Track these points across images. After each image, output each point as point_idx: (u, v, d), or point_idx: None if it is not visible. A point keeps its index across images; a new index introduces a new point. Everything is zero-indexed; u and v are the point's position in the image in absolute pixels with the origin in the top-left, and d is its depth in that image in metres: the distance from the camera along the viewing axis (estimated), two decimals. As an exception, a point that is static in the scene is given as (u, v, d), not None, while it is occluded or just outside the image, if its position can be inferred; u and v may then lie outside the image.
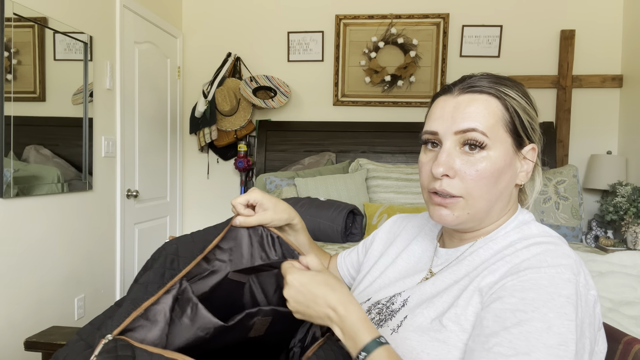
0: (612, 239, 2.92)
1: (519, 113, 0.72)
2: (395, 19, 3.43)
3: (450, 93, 0.74)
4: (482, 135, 0.69)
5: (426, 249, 0.84)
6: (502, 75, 0.76)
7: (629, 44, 3.21)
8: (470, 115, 0.70)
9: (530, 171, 0.74)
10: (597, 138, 3.31)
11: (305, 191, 2.92)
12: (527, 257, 0.65)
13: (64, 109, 2.33)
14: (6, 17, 1.94)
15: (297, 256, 0.83)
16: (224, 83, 3.40)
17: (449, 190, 0.70)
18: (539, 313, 0.59)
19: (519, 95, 0.73)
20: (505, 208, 0.75)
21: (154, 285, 0.69)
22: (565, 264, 0.63)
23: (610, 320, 1.41)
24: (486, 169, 0.69)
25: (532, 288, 0.61)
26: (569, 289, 0.60)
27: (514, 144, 0.72)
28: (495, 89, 0.72)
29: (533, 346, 0.57)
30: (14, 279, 2.04)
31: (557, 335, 0.57)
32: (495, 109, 0.71)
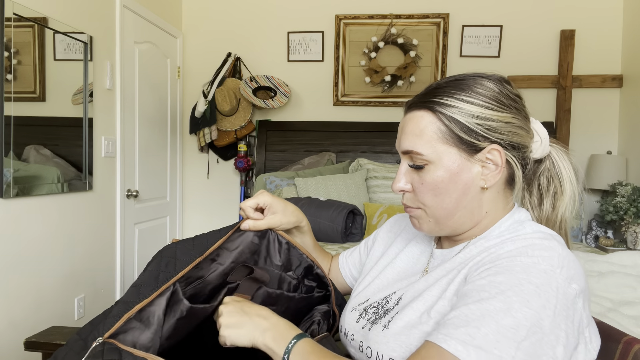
0: (612, 239, 2.92)
1: (459, 120, 0.70)
2: (395, 19, 3.43)
3: (405, 110, 0.78)
4: (419, 156, 0.72)
5: (424, 250, 0.84)
6: (464, 73, 0.74)
7: (629, 44, 3.21)
8: (408, 136, 0.74)
9: (499, 173, 0.71)
10: (597, 138, 3.31)
11: (305, 191, 2.92)
12: (510, 249, 0.66)
13: (64, 109, 2.33)
14: (6, 17, 1.94)
15: (306, 260, 0.83)
16: (224, 83, 3.40)
17: (407, 203, 0.77)
18: (502, 295, 0.59)
19: (467, 99, 0.70)
20: (478, 211, 0.74)
21: (147, 288, 0.69)
22: (545, 256, 0.63)
23: (610, 320, 1.40)
24: (430, 182, 0.72)
25: (502, 272, 0.62)
26: (541, 279, 0.60)
27: (463, 152, 0.71)
28: (429, 101, 0.72)
29: (485, 322, 0.58)
30: (14, 279, 2.04)
31: (513, 318, 0.57)
32: (429, 123, 0.72)
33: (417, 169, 0.73)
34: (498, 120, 0.70)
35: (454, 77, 0.74)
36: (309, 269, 0.85)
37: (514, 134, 0.72)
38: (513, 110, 0.72)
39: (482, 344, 0.56)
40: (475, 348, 0.56)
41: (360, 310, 0.81)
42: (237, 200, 3.65)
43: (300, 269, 0.85)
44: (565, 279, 0.61)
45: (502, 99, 0.71)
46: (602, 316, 1.45)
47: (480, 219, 0.74)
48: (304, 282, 0.85)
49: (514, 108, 0.72)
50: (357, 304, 0.83)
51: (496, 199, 0.74)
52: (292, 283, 0.84)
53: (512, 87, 0.74)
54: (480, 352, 0.56)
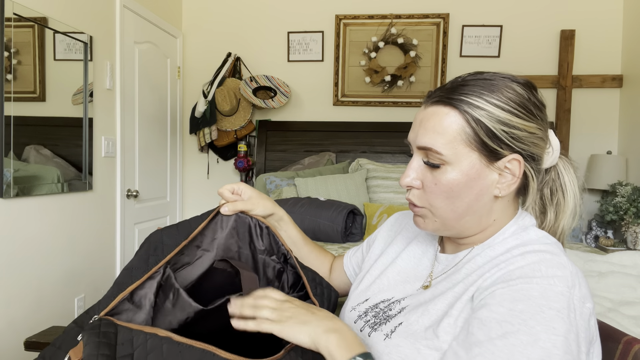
0: (612, 239, 2.92)
1: (486, 124, 0.66)
2: (395, 19, 3.43)
3: (425, 102, 0.73)
4: (437, 155, 0.68)
5: (426, 250, 0.83)
6: (493, 73, 0.71)
7: (629, 44, 3.21)
8: (428, 132, 0.69)
9: (515, 183, 0.69)
10: (597, 138, 3.31)
11: (305, 191, 2.92)
12: (521, 265, 0.64)
13: (64, 109, 2.33)
14: (6, 17, 1.94)
15: (284, 251, 0.83)
16: (224, 83, 3.40)
17: (413, 200, 0.73)
18: (525, 326, 0.58)
19: (496, 103, 0.67)
20: (487, 218, 0.72)
21: (138, 271, 0.71)
22: (559, 276, 0.61)
23: (610, 320, 1.40)
24: (445, 184, 0.69)
25: (521, 299, 0.60)
26: (560, 302, 0.59)
27: (484, 157, 0.68)
28: (458, 99, 0.68)
29: (515, 359, 0.56)
30: (13, 278, 2.04)
31: (542, 349, 0.56)
32: (454, 124, 0.68)
33: (432, 168, 0.70)
34: (524, 129, 0.68)
35: (481, 75, 0.70)
36: (285, 258, 0.85)
37: (536, 145, 0.69)
38: (538, 120, 0.69)
39: None
40: None
41: (359, 312, 0.79)
42: (237, 200, 3.65)
43: (280, 255, 0.85)
44: (580, 299, 0.61)
45: (530, 107, 0.68)
46: (602, 316, 1.45)
47: (487, 225, 0.73)
48: (288, 268, 0.85)
49: (539, 118, 0.70)
50: (357, 304, 0.82)
51: (506, 207, 0.73)
52: (276, 267, 0.84)
53: (538, 93, 0.71)
54: None
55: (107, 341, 0.60)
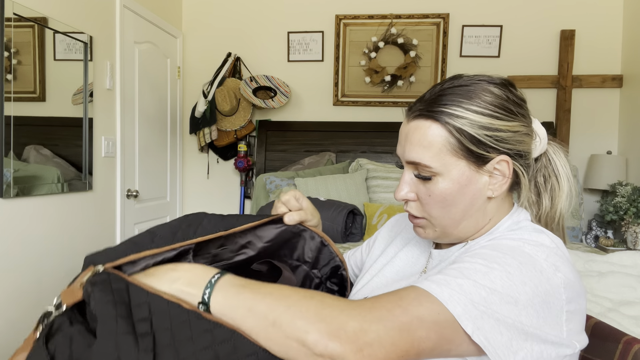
0: (612, 239, 2.92)
1: (469, 132, 0.67)
2: (395, 19, 3.43)
3: (407, 116, 0.74)
4: (427, 168, 0.70)
5: (424, 250, 0.84)
6: (470, 77, 0.71)
7: (629, 44, 3.21)
8: (415, 147, 0.71)
9: (506, 182, 0.71)
10: (597, 138, 3.31)
11: (305, 191, 2.92)
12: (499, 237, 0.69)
13: (64, 109, 2.33)
14: (6, 17, 1.94)
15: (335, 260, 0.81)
16: (224, 83, 3.40)
17: (412, 212, 0.76)
18: (484, 261, 0.60)
19: (475, 109, 0.68)
20: (482, 219, 0.74)
21: (162, 239, 0.65)
22: (532, 245, 0.64)
23: (610, 320, 1.40)
24: (438, 194, 0.71)
25: (489, 248, 0.64)
26: (525, 258, 0.61)
27: (472, 164, 0.69)
28: (437, 111, 0.69)
29: (463, 275, 0.59)
30: (13, 279, 2.04)
31: (490, 281, 0.58)
32: (438, 136, 0.69)
33: (424, 180, 0.72)
34: (507, 130, 0.69)
35: (458, 81, 0.71)
36: (335, 270, 0.83)
37: (521, 142, 0.71)
38: (520, 117, 0.71)
39: (456, 289, 0.57)
40: (449, 289, 0.57)
41: None
42: (237, 200, 3.65)
43: (326, 268, 0.82)
44: (550, 266, 0.62)
45: (509, 107, 0.70)
46: (602, 316, 1.45)
47: (484, 225, 0.75)
48: (326, 284, 0.83)
49: (520, 115, 0.71)
50: None
51: (500, 206, 0.75)
52: (314, 281, 0.82)
53: (516, 89, 0.72)
54: (452, 292, 0.57)
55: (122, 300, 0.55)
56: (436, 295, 0.56)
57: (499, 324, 0.56)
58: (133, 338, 0.52)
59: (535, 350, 0.58)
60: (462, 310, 0.55)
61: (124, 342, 0.52)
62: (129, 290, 0.56)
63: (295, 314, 0.54)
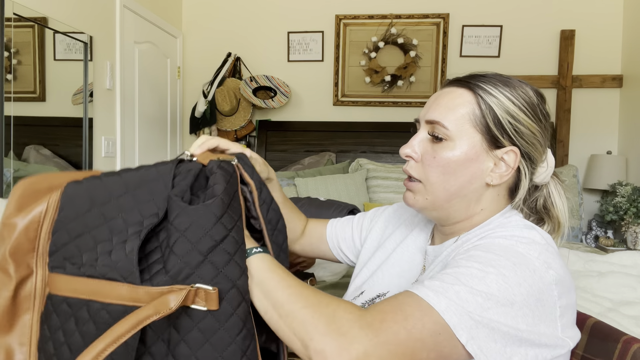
0: (612, 239, 2.92)
1: (496, 111, 0.70)
2: (395, 19, 3.43)
3: (443, 85, 0.78)
4: (443, 129, 0.71)
5: (420, 245, 0.84)
6: (512, 76, 0.75)
7: (629, 44, 3.21)
8: (440, 107, 0.73)
9: (507, 175, 0.72)
10: (597, 138, 3.31)
11: (305, 191, 2.92)
12: (491, 236, 0.68)
13: (64, 109, 2.33)
14: (6, 17, 1.94)
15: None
16: (224, 83, 3.40)
17: (410, 171, 0.75)
18: (479, 264, 0.61)
19: (508, 96, 0.71)
20: (475, 205, 0.74)
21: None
22: (524, 242, 0.64)
23: (610, 320, 1.40)
24: (444, 157, 0.71)
25: (482, 249, 0.64)
26: (519, 259, 0.62)
27: (485, 142, 0.71)
28: (475, 84, 0.72)
29: (459, 281, 0.59)
30: (14, 278, 2.04)
31: (486, 286, 0.59)
32: (466, 102, 0.71)
33: (435, 141, 0.73)
34: (527, 126, 0.71)
35: (501, 74, 0.75)
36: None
37: (534, 146, 0.72)
38: (542, 125, 0.73)
39: (453, 298, 0.57)
40: (446, 298, 0.57)
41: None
42: (237, 200, 3.65)
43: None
44: (543, 263, 0.63)
45: (537, 110, 0.72)
46: (602, 316, 1.45)
47: (474, 213, 0.75)
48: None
49: (543, 124, 0.73)
50: (352, 298, 0.85)
51: (495, 200, 0.75)
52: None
53: (546, 105, 0.75)
54: (449, 303, 0.57)
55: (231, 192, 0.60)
56: (434, 305, 0.57)
57: (493, 332, 0.57)
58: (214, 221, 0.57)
59: (530, 354, 0.60)
60: (457, 321, 0.57)
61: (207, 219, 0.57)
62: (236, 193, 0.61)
63: (307, 317, 0.57)
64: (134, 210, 0.60)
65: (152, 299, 0.55)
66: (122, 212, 0.60)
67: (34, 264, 0.62)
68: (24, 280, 0.62)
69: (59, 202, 0.62)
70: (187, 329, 0.56)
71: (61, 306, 0.60)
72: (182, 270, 0.56)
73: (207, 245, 0.57)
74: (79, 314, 0.58)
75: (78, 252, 0.60)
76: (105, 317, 0.57)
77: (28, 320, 0.62)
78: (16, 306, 0.62)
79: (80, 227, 0.61)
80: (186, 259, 0.56)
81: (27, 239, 0.61)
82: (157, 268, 0.58)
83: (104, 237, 0.59)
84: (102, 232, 0.59)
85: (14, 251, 0.61)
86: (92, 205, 0.61)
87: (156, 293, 0.55)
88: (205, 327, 0.56)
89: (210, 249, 0.57)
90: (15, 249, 0.61)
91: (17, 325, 0.62)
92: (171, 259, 0.57)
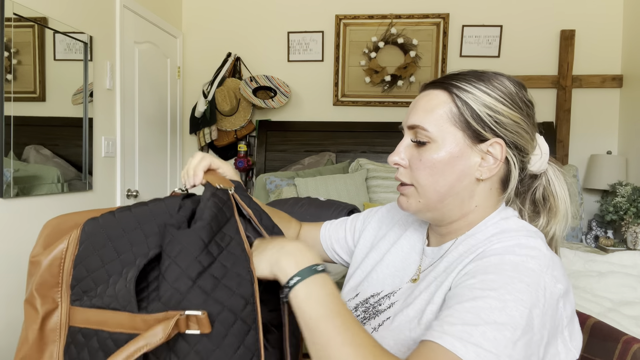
0: (612, 239, 2.92)
1: (472, 106, 0.70)
2: (395, 19, 3.43)
3: (420, 90, 0.79)
4: (424, 132, 0.72)
5: (414, 244, 0.84)
6: (490, 71, 0.75)
7: (629, 44, 3.21)
8: (418, 111, 0.74)
9: (496, 167, 0.72)
10: (597, 138, 3.31)
11: (305, 191, 2.92)
12: (497, 247, 0.66)
13: (64, 109, 2.33)
14: (6, 17, 1.94)
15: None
16: (224, 83, 3.40)
17: (401, 178, 0.77)
18: (495, 292, 0.60)
19: (484, 90, 0.71)
20: (468, 202, 0.74)
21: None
22: (532, 255, 0.63)
23: (610, 320, 1.40)
24: (430, 159, 0.72)
25: (493, 271, 0.62)
26: (531, 278, 0.61)
27: (468, 138, 0.71)
28: (448, 82, 0.73)
29: (481, 319, 0.58)
30: (14, 278, 2.04)
31: (508, 317, 0.58)
32: (442, 102, 0.72)
33: (419, 145, 0.74)
34: (508, 116, 0.71)
35: (476, 69, 0.76)
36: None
37: (519, 135, 0.72)
38: (524, 113, 0.73)
39: (480, 342, 0.56)
40: (474, 345, 0.56)
41: (348, 307, 0.80)
42: (237, 200, 3.65)
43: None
44: (552, 278, 0.63)
45: (516, 99, 0.72)
46: (602, 316, 1.45)
47: (469, 211, 0.74)
48: None
49: (524, 111, 0.73)
50: (347, 299, 0.84)
51: (488, 195, 0.74)
52: None
53: (527, 93, 0.75)
54: (478, 350, 0.56)
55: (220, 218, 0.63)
56: (462, 356, 0.56)
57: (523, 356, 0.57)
58: (201, 247, 0.59)
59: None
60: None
61: (195, 245, 0.59)
62: (229, 220, 0.64)
63: (346, 354, 0.56)
64: (142, 244, 0.63)
65: (148, 326, 0.56)
66: (132, 246, 0.64)
67: (59, 298, 0.66)
68: (50, 313, 0.65)
69: (79, 238, 0.66)
70: (184, 352, 0.57)
71: (77, 337, 0.63)
72: (173, 296, 0.57)
73: (195, 270, 0.58)
74: (90, 343, 0.61)
75: (94, 285, 0.63)
76: (111, 346, 0.59)
77: (55, 352, 0.65)
78: (44, 338, 0.65)
79: (97, 262, 0.64)
80: (176, 284, 0.58)
81: (50, 275, 0.65)
82: (153, 295, 0.60)
83: (116, 270, 0.63)
84: (115, 266, 0.63)
85: (39, 287, 0.65)
86: (108, 240, 0.65)
87: (152, 320, 0.57)
88: (201, 349, 0.57)
89: (199, 275, 0.58)
90: (40, 285, 0.65)
91: (45, 356, 0.65)
92: (163, 286, 0.58)
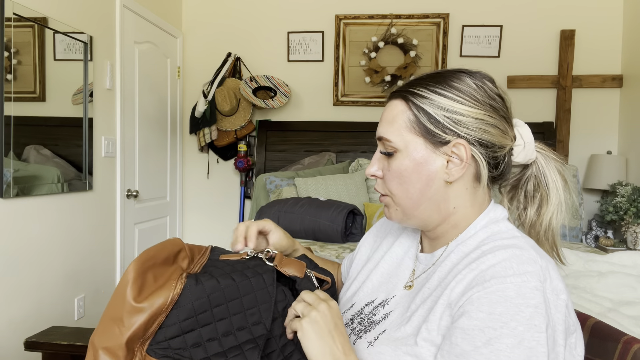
0: (612, 239, 2.92)
1: (428, 111, 0.70)
2: (395, 19, 3.43)
3: (386, 99, 0.80)
4: (389, 143, 0.74)
5: (407, 250, 0.83)
6: (449, 68, 0.75)
7: (629, 44, 3.21)
8: (383, 123, 0.76)
9: (463, 168, 0.70)
10: (597, 138, 3.31)
11: (305, 191, 2.92)
12: (493, 264, 0.64)
13: (64, 109, 2.33)
14: (6, 17, 1.94)
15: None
16: (224, 83, 3.40)
17: (378, 189, 0.79)
18: (508, 328, 0.59)
19: (439, 92, 0.70)
20: (445, 205, 0.73)
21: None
22: (531, 271, 0.62)
23: (610, 320, 1.40)
24: (396, 169, 0.73)
25: (499, 301, 0.60)
26: (536, 298, 0.60)
27: (429, 143, 0.71)
28: (405, 90, 0.74)
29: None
30: (14, 278, 2.04)
31: (528, 349, 0.57)
32: (400, 112, 0.73)
33: (387, 156, 0.75)
34: (468, 115, 0.70)
35: (437, 70, 0.76)
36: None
37: (484, 131, 0.71)
38: (487, 108, 0.71)
39: None
40: None
41: (346, 319, 0.80)
42: (237, 201, 3.65)
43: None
44: (553, 292, 0.62)
45: (476, 96, 0.71)
46: (602, 316, 1.45)
47: (449, 214, 0.74)
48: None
49: (488, 106, 0.71)
50: (344, 311, 0.83)
51: (464, 195, 0.73)
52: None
53: (495, 86, 0.73)
54: None
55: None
56: None
57: None
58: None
59: None
60: None
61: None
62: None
63: None
64: (240, 314, 0.67)
65: None
66: (230, 314, 0.67)
67: (136, 348, 0.65)
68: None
69: (178, 297, 0.65)
70: None
71: None
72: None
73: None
74: None
75: (184, 344, 0.65)
76: None
77: None
78: None
79: (192, 324, 0.65)
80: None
81: (144, 330, 0.64)
82: None
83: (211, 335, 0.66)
84: (210, 330, 0.66)
85: (130, 340, 0.63)
86: (209, 306, 0.66)
87: None
88: None
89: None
90: (131, 339, 0.63)
91: None
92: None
